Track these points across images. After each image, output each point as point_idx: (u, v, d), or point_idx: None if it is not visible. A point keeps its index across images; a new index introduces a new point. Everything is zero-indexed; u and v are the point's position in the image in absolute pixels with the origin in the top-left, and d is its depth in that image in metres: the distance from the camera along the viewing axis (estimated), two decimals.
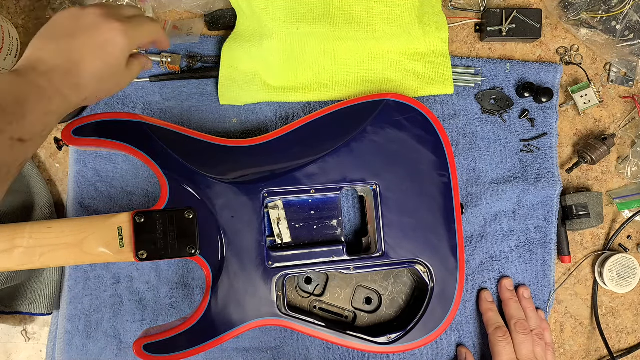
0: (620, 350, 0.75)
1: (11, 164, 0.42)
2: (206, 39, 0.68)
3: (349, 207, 0.69)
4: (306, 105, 0.68)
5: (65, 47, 0.46)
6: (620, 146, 0.74)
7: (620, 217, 0.74)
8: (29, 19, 0.67)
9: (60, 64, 0.45)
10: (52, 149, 0.68)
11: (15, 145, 0.41)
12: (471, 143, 0.71)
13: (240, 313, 0.58)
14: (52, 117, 0.45)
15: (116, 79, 0.50)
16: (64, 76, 0.45)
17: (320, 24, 0.63)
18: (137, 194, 0.66)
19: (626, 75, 0.73)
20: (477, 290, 0.70)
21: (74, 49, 0.46)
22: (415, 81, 0.69)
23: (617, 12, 0.69)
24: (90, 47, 0.46)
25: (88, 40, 0.46)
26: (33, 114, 0.42)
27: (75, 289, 0.65)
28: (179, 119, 0.67)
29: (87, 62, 0.46)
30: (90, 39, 0.46)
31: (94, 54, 0.47)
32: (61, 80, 0.45)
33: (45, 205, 0.65)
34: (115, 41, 0.47)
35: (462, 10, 0.71)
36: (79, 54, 0.46)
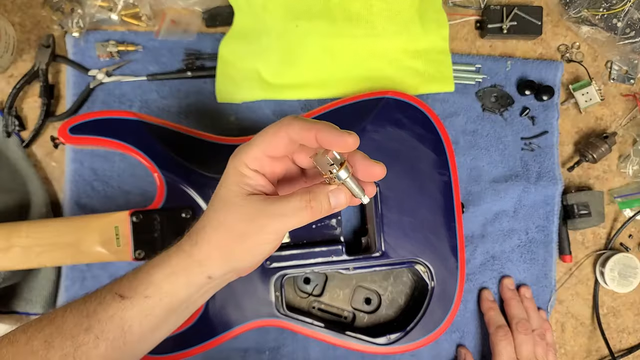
0: (621, 350, 0.74)
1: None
2: (204, 37, 0.67)
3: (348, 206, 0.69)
4: (305, 103, 0.68)
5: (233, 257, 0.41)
6: (621, 144, 0.74)
7: (622, 216, 0.74)
8: (26, 16, 0.67)
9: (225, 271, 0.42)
10: (49, 148, 0.67)
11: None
12: (472, 141, 0.70)
13: (238, 313, 0.58)
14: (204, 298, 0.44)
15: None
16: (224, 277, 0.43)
17: (319, 21, 0.63)
18: (134, 193, 0.66)
19: (627, 73, 0.73)
20: (477, 290, 0.70)
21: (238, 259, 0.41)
22: (415, 79, 0.68)
23: (618, 10, 0.68)
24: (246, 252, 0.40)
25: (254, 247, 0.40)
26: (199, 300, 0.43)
27: (72, 289, 0.65)
28: (176, 117, 0.67)
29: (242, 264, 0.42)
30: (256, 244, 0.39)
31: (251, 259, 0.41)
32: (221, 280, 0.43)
33: (41, 204, 0.65)
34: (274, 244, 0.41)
35: (462, 7, 0.71)
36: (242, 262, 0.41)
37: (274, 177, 0.39)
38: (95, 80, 0.65)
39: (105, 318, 0.37)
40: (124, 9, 0.66)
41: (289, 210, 0.36)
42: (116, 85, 0.66)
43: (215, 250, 0.38)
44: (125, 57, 0.66)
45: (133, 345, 0.38)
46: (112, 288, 0.38)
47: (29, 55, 0.67)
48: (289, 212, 0.36)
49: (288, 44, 0.65)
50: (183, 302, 0.40)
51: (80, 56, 0.66)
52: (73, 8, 0.66)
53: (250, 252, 0.38)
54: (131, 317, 0.37)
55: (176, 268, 0.39)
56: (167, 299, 0.39)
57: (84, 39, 0.66)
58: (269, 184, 0.38)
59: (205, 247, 0.38)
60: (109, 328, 0.37)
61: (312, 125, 0.35)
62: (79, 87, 0.65)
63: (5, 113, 0.64)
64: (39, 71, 0.64)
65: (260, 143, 0.37)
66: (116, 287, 0.38)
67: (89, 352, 0.36)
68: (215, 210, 0.38)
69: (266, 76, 0.67)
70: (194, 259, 0.39)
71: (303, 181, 0.42)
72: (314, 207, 0.36)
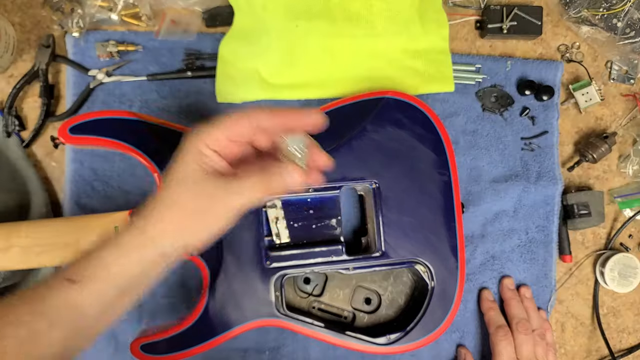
0: (621, 350, 0.74)
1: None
2: (204, 36, 0.67)
3: (349, 206, 0.69)
4: (304, 103, 0.68)
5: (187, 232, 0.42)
6: (621, 144, 0.74)
7: (622, 216, 0.74)
8: (26, 16, 0.67)
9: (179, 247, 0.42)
10: (49, 148, 0.67)
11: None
12: (472, 141, 0.70)
13: (238, 313, 0.58)
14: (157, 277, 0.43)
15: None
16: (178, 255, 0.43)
17: (319, 20, 0.63)
18: (134, 193, 0.66)
19: (627, 73, 0.73)
20: (477, 290, 0.70)
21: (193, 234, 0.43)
22: (415, 79, 0.68)
23: (619, 10, 0.68)
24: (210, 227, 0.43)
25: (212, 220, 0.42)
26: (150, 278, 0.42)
27: None
28: (176, 117, 0.67)
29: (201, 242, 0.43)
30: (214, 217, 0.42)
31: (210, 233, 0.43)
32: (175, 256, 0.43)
33: (41, 204, 0.65)
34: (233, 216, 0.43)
35: (462, 7, 0.71)
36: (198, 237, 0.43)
37: (231, 158, 0.41)
38: (95, 80, 0.65)
39: (57, 304, 0.37)
40: (124, 9, 0.66)
41: (246, 188, 0.38)
42: (116, 85, 0.66)
43: (169, 226, 0.39)
44: (125, 57, 0.66)
45: (88, 328, 0.39)
46: (63, 273, 0.38)
47: (29, 55, 0.67)
48: (246, 190, 0.38)
49: (288, 44, 0.65)
50: (135, 281, 0.40)
51: (80, 56, 0.66)
52: (73, 8, 0.66)
53: (205, 229, 0.40)
54: (83, 301, 0.38)
55: (128, 246, 0.39)
56: (118, 280, 0.39)
57: (84, 39, 0.66)
58: (226, 165, 0.40)
59: (160, 224, 0.39)
60: (62, 313, 0.37)
61: (279, 112, 0.38)
62: (79, 87, 0.65)
63: (5, 113, 0.64)
64: (39, 71, 0.64)
65: (224, 127, 0.39)
66: (66, 272, 0.38)
67: (43, 337, 0.36)
68: (170, 187, 0.39)
69: (266, 76, 0.67)
70: (147, 235, 0.39)
71: (258, 161, 0.43)
72: (270, 185, 0.38)
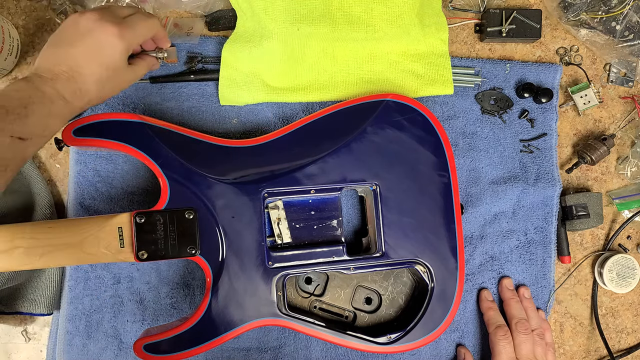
0: (620, 350, 0.75)
1: (10, 160, 0.45)
2: (206, 40, 0.68)
3: (349, 207, 0.69)
4: (306, 106, 0.69)
5: (67, 55, 0.49)
6: (619, 146, 0.74)
7: (620, 217, 0.75)
8: (30, 19, 0.67)
9: (63, 71, 0.49)
10: (53, 150, 0.68)
11: (15, 143, 0.45)
12: (471, 143, 0.71)
13: (240, 313, 0.59)
14: (54, 120, 0.48)
15: (118, 80, 0.53)
16: (66, 83, 0.48)
17: (320, 24, 0.63)
18: (137, 194, 0.66)
19: (626, 75, 0.74)
20: (477, 291, 0.70)
21: (74, 56, 0.49)
22: (415, 81, 0.69)
23: (617, 13, 0.69)
24: (88, 52, 0.49)
25: (85, 47, 0.49)
26: (35, 116, 0.46)
27: (76, 289, 0.65)
28: (179, 120, 0.67)
29: (87, 68, 0.49)
30: (87, 45, 0.50)
31: (93, 59, 0.50)
32: (64, 86, 0.48)
33: (45, 205, 0.65)
34: (112, 45, 0.50)
35: (462, 11, 0.71)
36: (78, 60, 0.49)
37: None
38: None
39: (9, 156, 0.45)
40: None
41: (139, 69, 0.57)
42: None
43: (94, 100, 0.52)
44: None
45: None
46: (7, 129, 0.44)
47: (33, 58, 0.67)
48: (139, 70, 0.57)
49: (289, 47, 0.65)
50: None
51: None
52: (76, 10, 0.66)
53: (113, 93, 0.55)
54: (29, 153, 0.47)
55: (60, 114, 0.49)
56: (51, 135, 0.49)
57: None
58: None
59: (86, 97, 0.50)
60: (13, 162, 0.45)
61: (165, 33, 0.58)
62: None
63: None
64: None
65: (140, 38, 0.53)
66: (11, 129, 0.44)
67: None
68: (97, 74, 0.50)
69: (268, 79, 0.67)
70: (75, 107, 0.50)
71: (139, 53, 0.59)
72: (150, 68, 0.59)
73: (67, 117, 0.50)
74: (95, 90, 0.51)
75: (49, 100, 0.47)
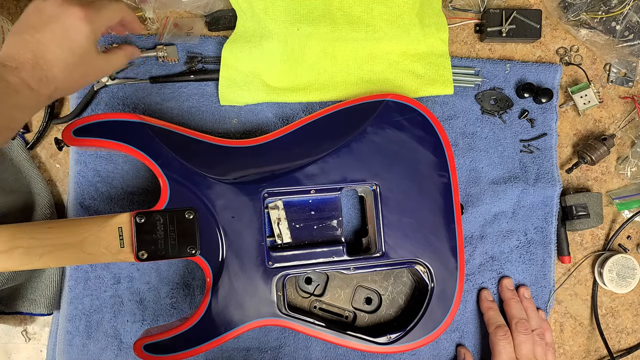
0: (620, 350, 0.75)
1: None
2: (206, 40, 0.68)
3: (349, 207, 0.69)
4: (306, 106, 0.69)
5: (31, 41, 0.47)
6: (619, 146, 0.74)
7: (620, 217, 0.75)
8: None
9: (28, 58, 0.46)
10: (53, 150, 0.68)
11: None
12: (471, 143, 0.71)
13: (240, 313, 0.59)
14: (20, 110, 0.46)
15: (87, 67, 0.50)
16: (31, 70, 0.46)
17: (320, 24, 0.63)
18: (137, 194, 0.66)
19: (626, 75, 0.74)
20: (477, 291, 0.70)
21: (38, 42, 0.47)
22: (415, 82, 0.69)
23: (617, 13, 0.69)
24: (52, 38, 0.47)
25: (50, 32, 0.47)
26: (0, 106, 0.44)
27: (76, 289, 0.65)
28: (179, 120, 0.67)
29: (52, 54, 0.47)
30: (52, 30, 0.47)
31: (57, 44, 0.47)
32: (29, 74, 0.46)
33: (45, 205, 0.65)
34: (78, 28, 0.48)
35: (462, 11, 0.71)
36: (43, 46, 0.47)
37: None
38: (99, 83, 0.66)
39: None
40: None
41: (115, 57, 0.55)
42: (119, 88, 0.67)
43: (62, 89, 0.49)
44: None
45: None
46: None
47: None
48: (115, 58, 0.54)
49: (289, 47, 0.65)
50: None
51: None
52: None
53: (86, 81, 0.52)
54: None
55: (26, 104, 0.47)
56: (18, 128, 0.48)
57: None
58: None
59: (53, 85, 0.47)
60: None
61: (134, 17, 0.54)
62: (83, 90, 0.66)
63: None
64: None
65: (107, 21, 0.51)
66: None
67: None
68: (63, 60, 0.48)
69: (268, 79, 0.67)
70: (42, 95, 0.47)
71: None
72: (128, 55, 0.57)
73: (34, 107, 0.48)
74: (62, 77, 0.48)
75: (14, 90, 0.45)
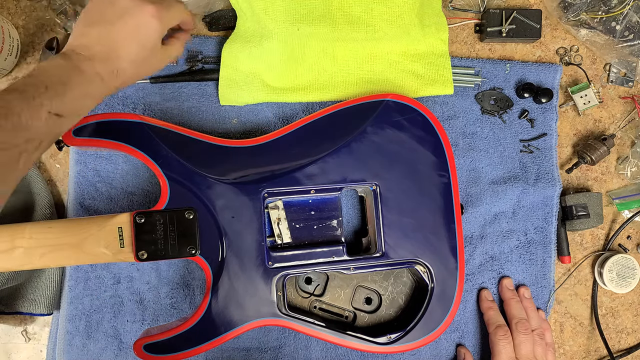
0: (620, 350, 0.75)
1: (45, 136, 0.45)
2: (206, 40, 0.68)
3: (349, 207, 0.69)
4: (306, 106, 0.69)
5: (104, 34, 0.48)
6: (619, 146, 0.74)
7: (620, 217, 0.75)
8: (30, 19, 0.67)
9: (101, 50, 0.48)
10: (53, 150, 0.68)
11: (52, 119, 0.44)
12: (471, 143, 0.71)
13: (240, 313, 0.59)
14: (90, 99, 0.48)
15: (153, 61, 0.53)
16: (104, 62, 0.48)
17: (320, 24, 0.63)
18: (137, 194, 0.66)
19: (626, 75, 0.74)
20: (477, 291, 0.70)
21: (112, 35, 0.49)
22: (415, 82, 0.69)
23: (617, 13, 0.69)
24: (126, 32, 0.49)
25: (124, 26, 0.49)
26: (73, 93, 0.46)
27: (76, 289, 0.65)
28: (179, 120, 0.67)
29: (125, 48, 0.49)
30: (126, 24, 0.49)
31: (131, 39, 0.49)
32: (101, 65, 0.48)
33: (45, 205, 0.65)
34: (150, 25, 0.50)
35: (462, 11, 0.71)
36: (116, 40, 0.49)
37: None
38: None
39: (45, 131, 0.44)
40: None
41: (173, 49, 0.55)
42: None
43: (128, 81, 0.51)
44: None
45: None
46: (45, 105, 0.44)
47: (33, 58, 0.67)
48: (173, 50, 0.55)
49: (289, 47, 0.65)
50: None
51: None
52: (76, 10, 0.66)
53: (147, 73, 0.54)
54: (63, 130, 0.47)
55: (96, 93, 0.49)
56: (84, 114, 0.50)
57: None
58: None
59: (122, 77, 0.50)
60: (47, 138, 0.45)
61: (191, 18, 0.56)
62: None
63: None
64: None
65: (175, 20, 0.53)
66: (49, 105, 0.44)
67: (31, 154, 0.44)
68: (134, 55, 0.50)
69: (268, 79, 0.67)
70: (110, 87, 0.49)
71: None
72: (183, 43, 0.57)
73: (101, 97, 0.50)
74: (132, 71, 0.50)
75: (88, 80, 0.47)
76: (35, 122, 0.43)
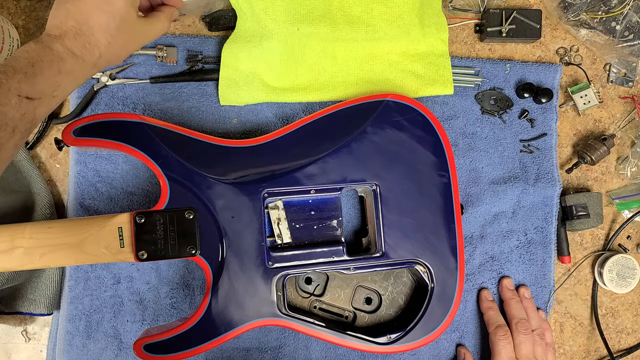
0: (620, 350, 0.75)
1: (18, 121, 0.44)
2: (206, 40, 0.68)
3: (349, 207, 0.69)
4: (306, 106, 0.69)
5: (73, 9, 0.48)
6: (619, 146, 0.74)
7: (620, 217, 0.75)
8: (30, 19, 0.68)
9: (72, 25, 0.48)
10: (53, 150, 0.68)
11: (23, 102, 0.44)
12: (471, 143, 0.71)
13: (240, 313, 0.59)
14: (65, 78, 0.48)
15: (128, 31, 0.52)
16: (75, 37, 0.48)
17: (320, 24, 0.63)
18: (137, 195, 0.66)
19: (626, 75, 0.74)
20: (477, 291, 0.70)
21: (80, 8, 0.48)
22: (415, 82, 0.69)
23: (617, 13, 0.69)
24: (93, 3, 0.49)
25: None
26: (43, 74, 0.46)
27: (76, 289, 0.65)
28: (179, 120, 0.67)
29: (94, 18, 0.49)
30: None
31: (99, 8, 0.49)
32: (73, 42, 0.48)
33: (45, 205, 0.65)
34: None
35: (462, 11, 0.71)
36: (85, 13, 0.48)
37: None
38: (99, 83, 0.66)
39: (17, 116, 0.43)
40: None
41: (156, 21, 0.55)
42: (119, 88, 0.67)
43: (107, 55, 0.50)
44: (128, 60, 0.67)
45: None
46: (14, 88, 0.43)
47: None
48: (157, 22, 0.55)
49: (289, 47, 0.65)
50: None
51: None
52: None
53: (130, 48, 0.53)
54: (39, 115, 0.46)
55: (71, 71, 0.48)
56: (63, 97, 0.49)
57: None
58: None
59: (97, 50, 0.49)
60: (21, 123, 0.44)
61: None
62: (83, 90, 0.66)
63: None
64: None
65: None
66: (18, 88, 0.43)
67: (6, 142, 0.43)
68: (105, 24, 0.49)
69: (268, 79, 0.67)
70: (87, 63, 0.49)
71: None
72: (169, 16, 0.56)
73: (79, 75, 0.49)
74: (105, 42, 0.49)
75: (58, 58, 0.47)
76: (4, 107, 0.42)
